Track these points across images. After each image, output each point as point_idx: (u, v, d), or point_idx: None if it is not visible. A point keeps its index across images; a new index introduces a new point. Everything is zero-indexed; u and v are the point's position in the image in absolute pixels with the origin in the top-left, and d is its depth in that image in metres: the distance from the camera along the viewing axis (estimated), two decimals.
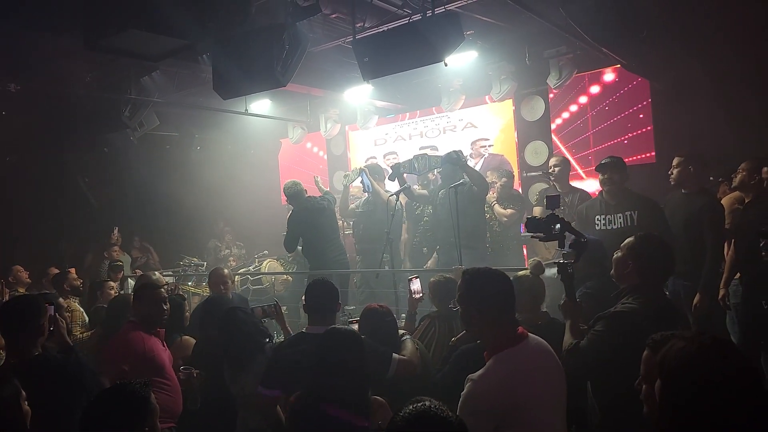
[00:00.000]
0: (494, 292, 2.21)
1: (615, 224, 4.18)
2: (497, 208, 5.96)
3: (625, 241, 2.77)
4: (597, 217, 4.30)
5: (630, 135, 6.89)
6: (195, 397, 3.33)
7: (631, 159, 6.29)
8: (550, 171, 5.47)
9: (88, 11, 3.87)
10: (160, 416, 1.88)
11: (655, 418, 1.41)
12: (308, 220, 5.77)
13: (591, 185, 6.37)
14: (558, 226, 2.78)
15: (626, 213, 4.17)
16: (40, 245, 7.41)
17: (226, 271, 4.89)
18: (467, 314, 2.25)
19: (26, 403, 2.05)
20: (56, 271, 6.64)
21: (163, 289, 3.48)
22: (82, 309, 5.21)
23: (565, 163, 5.47)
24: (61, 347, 2.87)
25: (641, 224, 3.98)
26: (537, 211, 5.69)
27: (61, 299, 4.81)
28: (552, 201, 2.95)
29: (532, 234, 2.89)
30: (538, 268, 3.14)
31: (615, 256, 2.78)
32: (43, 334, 2.69)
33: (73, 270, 6.23)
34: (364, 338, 2.77)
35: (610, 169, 4.22)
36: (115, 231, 7.98)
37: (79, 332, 4.84)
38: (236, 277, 7.18)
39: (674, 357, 1.36)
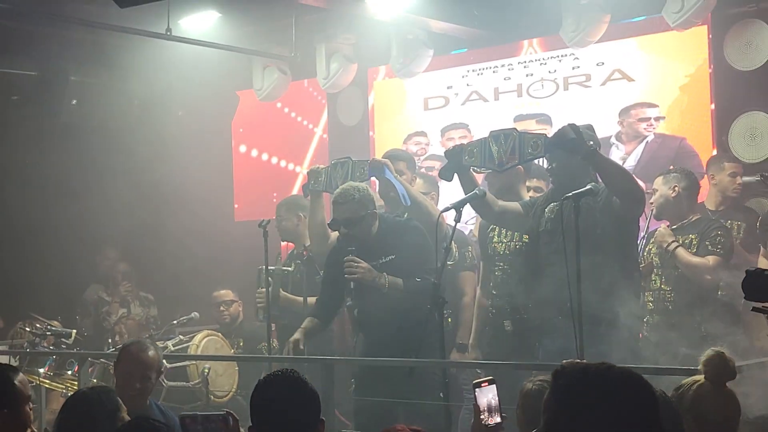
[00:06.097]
0: (609, 418, 1.45)
1: None
2: (681, 252, 4.39)
3: None
4: None
5: None
6: None
7: None
8: None
9: None
10: None
11: None
12: None
13: None
14: None
15: None
16: None
17: (151, 352, 3.76)
18: None
19: None
20: None
21: None
22: None
23: None
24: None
25: None
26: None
27: None
28: None
29: (754, 304, 2.07)
30: (725, 372, 2.11)
31: None
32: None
33: None
34: None
35: None
36: None
37: None
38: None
39: None
